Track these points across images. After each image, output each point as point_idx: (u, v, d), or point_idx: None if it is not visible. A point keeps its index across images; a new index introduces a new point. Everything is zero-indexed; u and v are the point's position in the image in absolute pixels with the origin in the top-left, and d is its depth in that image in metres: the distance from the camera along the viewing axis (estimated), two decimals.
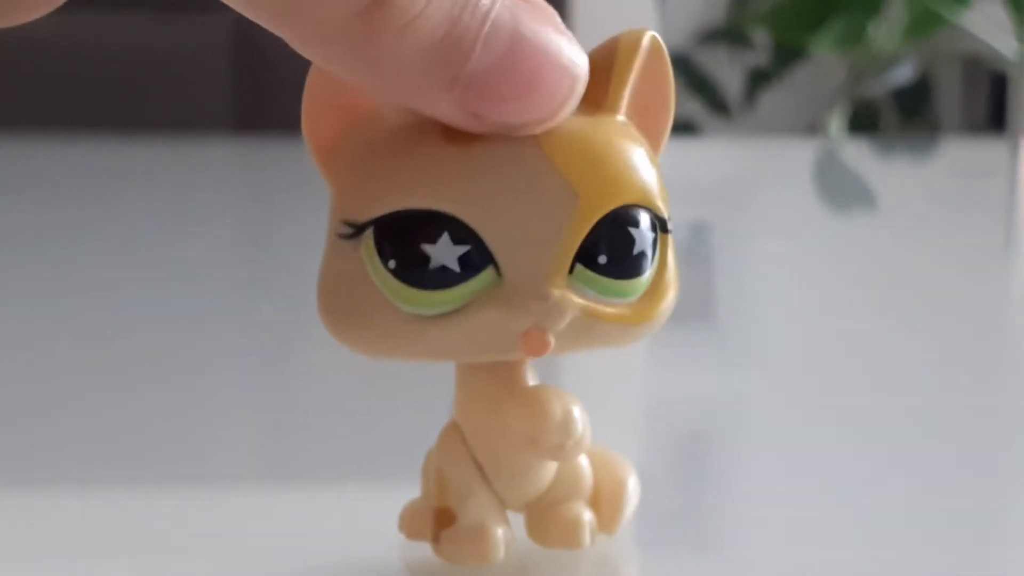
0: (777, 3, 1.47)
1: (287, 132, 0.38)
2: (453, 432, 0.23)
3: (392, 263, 0.20)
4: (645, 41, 0.22)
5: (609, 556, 0.24)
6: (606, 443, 0.24)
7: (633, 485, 0.24)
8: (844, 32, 1.43)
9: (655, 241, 0.21)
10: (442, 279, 0.20)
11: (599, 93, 0.21)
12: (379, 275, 0.20)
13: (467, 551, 0.22)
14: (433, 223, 0.20)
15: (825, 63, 1.62)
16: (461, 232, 0.20)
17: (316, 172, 0.22)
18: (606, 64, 0.22)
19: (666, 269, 0.22)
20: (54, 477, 0.29)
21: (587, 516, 0.23)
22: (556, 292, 0.20)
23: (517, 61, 0.19)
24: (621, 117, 0.22)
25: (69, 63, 0.84)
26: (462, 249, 0.20)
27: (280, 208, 0.61)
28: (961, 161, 0.83)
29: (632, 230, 0.21)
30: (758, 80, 1.64)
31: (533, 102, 0.20)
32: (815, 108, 1.59)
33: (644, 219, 0.21)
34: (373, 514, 0.26)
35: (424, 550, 0.23)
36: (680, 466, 0.31)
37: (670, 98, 0.22)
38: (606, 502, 0.24)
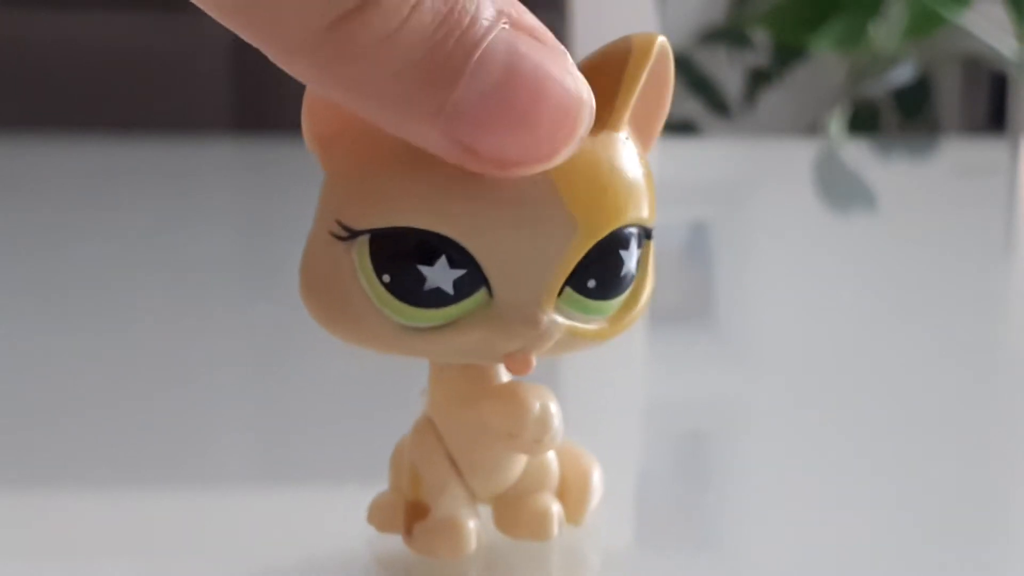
0: (777, 3, 1.47)
1: (287, 132, 0.38)
2: (427, 427, 0.23)
3: (386, 277, 0.20)
4: (656, 46, 0.21)
5: (609, 555, 0.24)
6: (593, 438, 0.25)
7: (598, 477, 0.24)
8: (844, 32, 1.43)
9: (638, 259, 0.21)
10: (435, 299, 0.20)
11: (604, 106, 0.20)
12: (371, 284, 0.20)
13: (440, 544, 0.23)
14: (432, 245, 0.20)
15: (825, 63, 1.62)
16: (459, 256, 0.20)
17: (317, 173, 0.22)
18: (612, 75, 0.21)
19: (644, 278, 0.22)
20: (52, 477, 0.29)
21: (556, 508, 0.23)
22: (545, 319, 0.20)
23: (511, 94, 0.18)
24: (623, 134, 0.21)
25: (69, 63, 0.84)
26: (458, 273, 0.20)
27: (280, 208, 0.61)
28: (961, 161, 0.83)
29: (622, 252, 0.21)
30: (758, 80, 1.64)
31: (529, 139, 0.18)
32: (815, 108, 1.59)
33: (634, 239, 0.21)
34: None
35: (396, 544, 0.23)
36: (680, 465, 0.31)
37: (667, 100, 0.22)
38: (572, 493, 0.24)
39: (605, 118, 0.21)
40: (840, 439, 0.31)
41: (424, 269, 0.20)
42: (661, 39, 0.21)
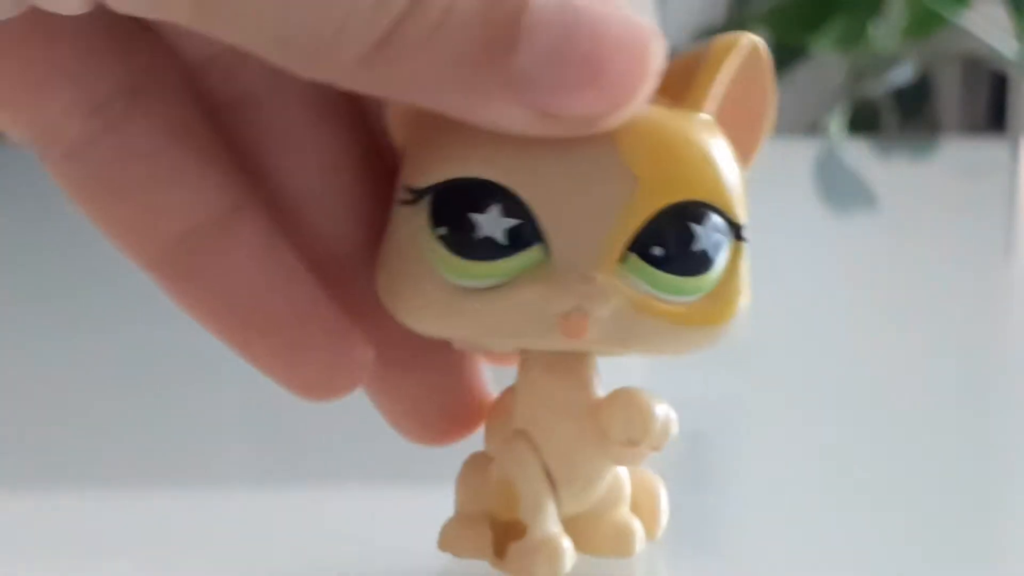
0: (777, 3, 1.47)
1: None
2: (522, 440, 0.22)
3: (442, 230, 0.20)
4: (744, 43, 0.21)
5: (619, 561, 0.24)
6: None
7: (663, 491, 0.24)
8: (844, 32, 1.43)
9: (722, 244, 0.20)
10: (487, 251, 0.20)
11: (683, 89, 0.20)
12: (429, 242, 0.20)
13: (541, 564, 0.22)
14: (485, 193, 0.20)
15: (825, 63, 1.62)
16: (513, 205, 0.20)
17: None
18: (694, 62, 0.21)
19: (736, 278, 0.21)
20: (53, 478, 0.29)
21: (637, 523, 0.23)
22: (601, 276, 0.20)
23: (574, 42, 0.17)
24: (704, 115, 0.21)
25: None
26: (511, 222, 0.20)
27: None
28: (961, 161, 0.83)
29: (694, 226, 0.20)
30: None
31: (604, 87, 0.18)
32: (815, 108, 1.59)
33: (711, 218, 0.20)
34: (374, 513, 0.26)
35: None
36: (679, 466, 0.31)
37: (768, 108, 0.21)
38: (644, 508, 0.23)
39: (684, 98, 0.20)
40: (839, 439, 0.31)
41: (476, 217, 0.20)
42: (753, 38, 0.21)
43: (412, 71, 0.18)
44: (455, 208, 0.20)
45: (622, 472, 0.23)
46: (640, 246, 0.20)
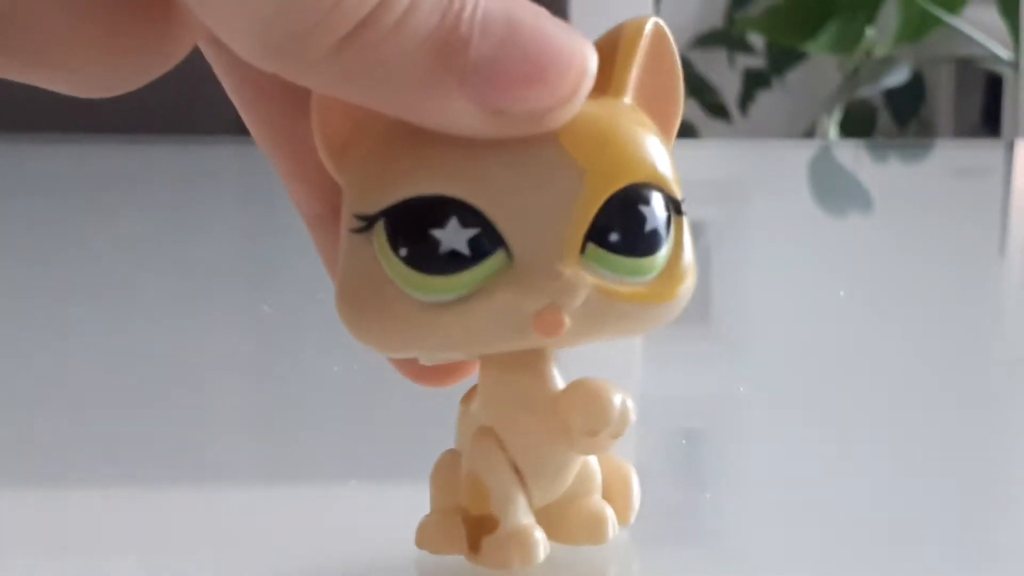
0: (773, 6, 1.47)
1: None
2: (487, 437, 0.22)
3: (403, 251, 0.20)
4: (649, 27, 0.22)
5: (607, 553, 0.24)
6: None
7: (635, 477, 0.24)
8: (840, 35, 1.43)
9: (668, 222, 0.21)
10: (453, 264, 0.20)
11: (603, 79, 0.21)
12: (391, 265, 0.20)
13: (514, 555, 0.22)
14: (441, 208, 0.20)
15: (821, 66, 1.62)
16: (469, 215, 0.20)
17: None
18: (610, 50, 0.21)
19: (682, 251, 0.21)
20: (57, 476, 0.29)
21: (609, 510, 0.23)
22: (568, 270, 0.20)
23: (520, 43, 0.19)
24: (627, 100, 0.21)
25: None
26: (471, 232, 0.20)
27: (283, 210, 0.61)
28: (956, 163, 0.83)
29: (643, 208, 0.21)
30: (755, 82, 1.64)
31: (550, 83, 0.19)
32: (811, 110, 1.59)
33: (655, 198, 0.21)
34: (375, 513, 0.26)
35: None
36: (677, 464, 0.31)
37: (678, 84, 0.22)
38: (617, 495, 0.24)
39: (605, 87, 0.21)
40: (835, 438, 0.31)
41: (437, 233, 0.20)
42: (655, 20, 0.22)
43: (373, 67, 0.18)
44: (413, 227, 0.20)
45: (592, 461, 0.23)
46: (597, 235, 0.20)
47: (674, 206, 0.21)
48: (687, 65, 1.63)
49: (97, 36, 0.20)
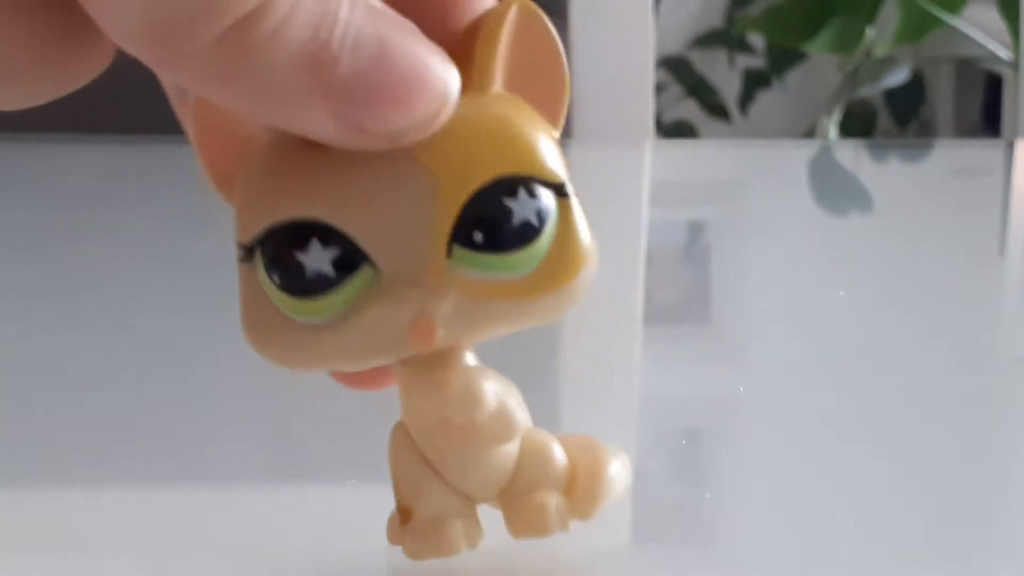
0: (774, 6, 1.48)
1: None
2: (399, 431, 0.23)
3: (275, 278, 0.20)
4: (512, 12, 0.21)
5: (606, 552, 0.24)
6: (595, 436, 0.24)
7: (616, 469, 0.24)
8: (840, 35, 1.43)
9: (546, 209, 0.21)
10: (320, 285, 0.20)
11: (465, 74, 0.20)
12: (271, 291, 0.21)
13: (427, 545, 0.22)
14: (301, 232, 0.20)
15: (821, 66, 1.62)
16: (329, 235, 0.20)
17: None
18: (469, 40, 0.21)
19: (571, 234, 0.21)
20: (56, 476, 0.29)
21: (554, 502, 0.23)
22: (430, 277, 0.20)
23: (387, 65, 0.19)
24: (498, 90, 0.21)
25: None
26: (333, 252, 0.20)
27: None
28: (956, 163, 0.83)
29: (508, 201, 0.20)
30: (755, 83, 1.64)
31: (413, 104, 0.19)
32: (811, 111, 1.60)
33: (525, 188, 0.20)
34: (375, 513, 0.26)
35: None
36: (677, 464, 0.31)
37: (559, 63, 0.22)
38: (582, 487, 0.23)
39: (471, 78, 0.21)
40: (835, 438, 0.31)
41: (301, 256, 0.20)
42: (521, 1, 0.21)
43: (247, 68, 0.18)
44: (281, 253, 0.20)
45: (556, 452, 0.23)
46: (461, 237, 0.20)
47: (555, 190, 0.21)
48: (687, 65, 1.63)
49: (21, 49, 0.20)
